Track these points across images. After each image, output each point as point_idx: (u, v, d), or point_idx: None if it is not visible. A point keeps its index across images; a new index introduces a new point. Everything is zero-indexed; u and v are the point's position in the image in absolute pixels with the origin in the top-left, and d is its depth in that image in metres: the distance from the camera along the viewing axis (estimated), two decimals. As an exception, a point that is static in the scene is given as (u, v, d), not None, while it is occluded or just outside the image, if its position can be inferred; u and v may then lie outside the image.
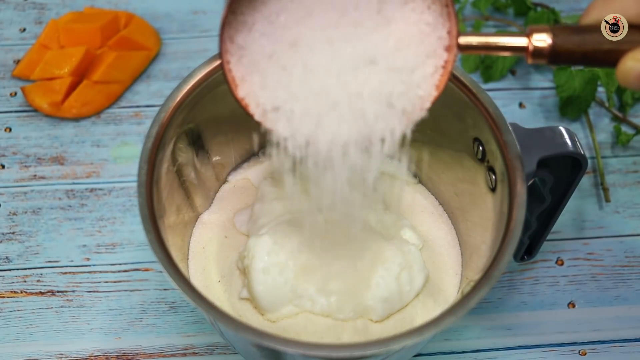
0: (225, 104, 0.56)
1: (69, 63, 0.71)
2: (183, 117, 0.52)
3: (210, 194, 0.60)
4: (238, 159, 0.61)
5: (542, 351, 0.59)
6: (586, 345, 0.60)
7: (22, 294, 0.62)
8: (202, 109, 0.54)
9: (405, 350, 0.52)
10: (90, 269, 0.63)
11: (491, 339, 0.60)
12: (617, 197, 0.68)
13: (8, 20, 0.79)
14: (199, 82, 0.52)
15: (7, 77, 0.75)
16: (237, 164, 0.61)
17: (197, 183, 0.57)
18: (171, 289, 0.62)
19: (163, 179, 0.51)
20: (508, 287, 0.62)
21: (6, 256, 0.64)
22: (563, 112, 0.71)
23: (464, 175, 0.56)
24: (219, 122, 0.57)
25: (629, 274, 0.63)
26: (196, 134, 0.55)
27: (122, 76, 0.73)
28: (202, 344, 0.60)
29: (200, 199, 0.58)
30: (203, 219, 0.58)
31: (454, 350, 0.60)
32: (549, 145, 0.49)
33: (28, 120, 0.72)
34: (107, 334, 0.60)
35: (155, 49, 0.76)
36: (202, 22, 0.79)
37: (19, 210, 0.66)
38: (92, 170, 0.69)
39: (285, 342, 0.43)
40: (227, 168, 0.61)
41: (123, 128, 0.71)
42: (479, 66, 0.74)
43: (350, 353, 0.44)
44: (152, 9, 0.80)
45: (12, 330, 0.60)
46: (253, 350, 0.50)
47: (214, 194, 0.60)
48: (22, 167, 0.69)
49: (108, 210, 0.66)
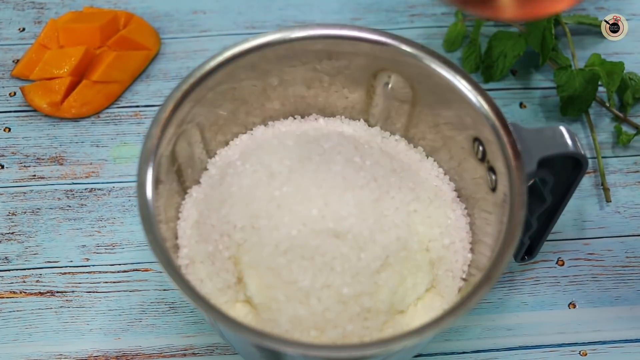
0: (226, 103, 0.56)
1: (68, 63, 0.71)
2: (183, 117, 0.52)
3: (210, 194, 0.60)
4: (238, 158, 0.61)
5: (543, 352, 0.59)
6: (587, 345, 0.60)
7: (21, 294, 0.62)
8: (202, 108, 0.54)
9: (405, 351, 0.52)
10: (89, 269, 0.63)
11: (491, 339, 0.60)
12: (618, 197, 0.67)
13: (7, 20, 0.79)
14: (199, 81, 0.52)
15: (6, 77, 0.75)
16: (237, 164, 0.61)
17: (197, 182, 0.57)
18: (171, 290, 0.62)
19: (163, 178, 0.50)
20: (508, 287, 0.62)
21: (5, 256, 0.64)
22: (563, 112, 0.71)
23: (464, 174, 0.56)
24: (220, 122, 0.57)
25: (629, 274, 0.63)
26: (197, 134, 0.55)
27: (122, 76, 0.73)
28: (201, 345, 0.59)
29: (200, 199, 0.58)
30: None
31: (454, 350, 0.59)
32: (550, 145, 0.48)
33: (27, 120, 0.72)
34: (107, 334, 0.60)
35: (155, 48, 0.76)
36: (202, 22, 0.79)
37: (18, 211, 0.66)
38: (92, 171, 0.68)
39: (285, 342, 0.43)
40: (227, 168, 0.61)
41: (122, 128, 0.71)
42: (479, 66, 0.74)
43: (350, 353, 0.44)
44: (151, 9, 0.80)
45: (11, 330, 0.60)
46: (253, 350, 0.49)
47: (214, 194, 0.60)
48: (21, 167, 0.69)
49: (107, 211, 0.66)
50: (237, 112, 0.58)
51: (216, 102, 0.55)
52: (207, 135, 0.57)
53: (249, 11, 0.80)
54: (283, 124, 0.60)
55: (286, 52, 0.55)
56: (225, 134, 0.58)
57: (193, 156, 0.56)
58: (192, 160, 0.56)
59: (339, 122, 0.60)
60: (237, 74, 0.54)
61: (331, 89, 0.59)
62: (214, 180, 0.56)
